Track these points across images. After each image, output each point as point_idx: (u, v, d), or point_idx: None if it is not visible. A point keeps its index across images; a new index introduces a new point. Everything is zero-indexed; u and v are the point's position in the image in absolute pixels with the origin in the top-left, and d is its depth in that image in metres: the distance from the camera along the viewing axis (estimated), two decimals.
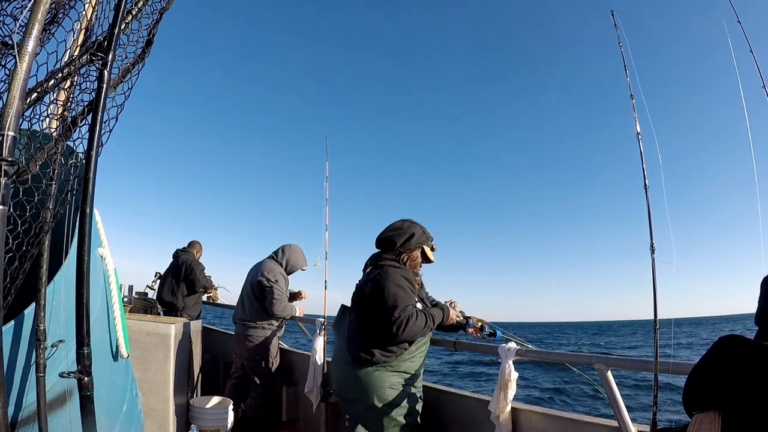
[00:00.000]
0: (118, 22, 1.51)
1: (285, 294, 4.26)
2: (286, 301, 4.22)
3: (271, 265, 4.35)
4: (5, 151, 1.07)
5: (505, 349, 2.52)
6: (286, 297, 4.29)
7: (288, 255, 4.48)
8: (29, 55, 1.09)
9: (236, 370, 4.45)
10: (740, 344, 1.04)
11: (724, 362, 1.06)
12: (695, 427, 1.02)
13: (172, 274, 5.68)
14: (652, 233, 2.11)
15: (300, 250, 4.57)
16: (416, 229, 2.75)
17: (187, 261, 5.70)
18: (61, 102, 1.62)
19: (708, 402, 1.06)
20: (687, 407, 1.14)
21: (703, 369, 1.13)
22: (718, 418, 0.99)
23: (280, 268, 4.38)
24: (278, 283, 4.21)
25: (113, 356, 2.27)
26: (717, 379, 1.06)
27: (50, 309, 1.62)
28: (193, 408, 3.79)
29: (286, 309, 4.19)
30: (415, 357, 2.61)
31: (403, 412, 2.52)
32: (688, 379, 1.16)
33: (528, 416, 2.51)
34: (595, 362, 2.28)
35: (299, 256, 4.53)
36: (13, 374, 1.53)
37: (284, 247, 4.54)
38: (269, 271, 4.27)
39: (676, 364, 1.97)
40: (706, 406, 1.06)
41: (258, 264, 4.47)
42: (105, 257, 2.22)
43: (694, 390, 1.12)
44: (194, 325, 4.23)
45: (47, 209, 1.62)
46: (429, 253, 2.79)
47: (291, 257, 4.49)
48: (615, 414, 2.16)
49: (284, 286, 4.30)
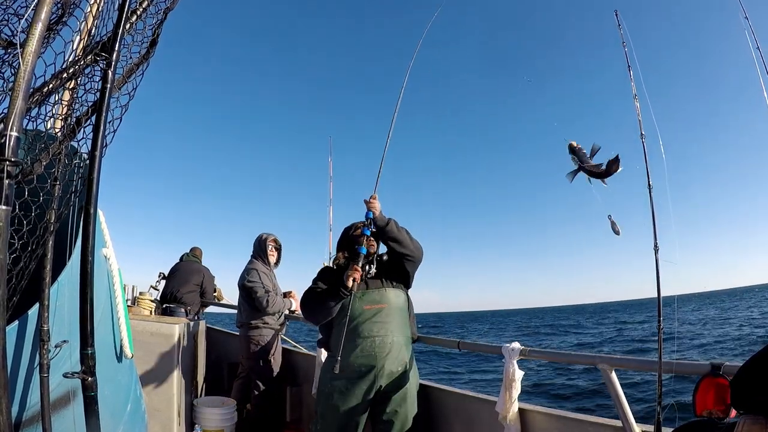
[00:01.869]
0: (123, 22, 1.51)
1: (270, 287, 4.29)
2: (273, 296, 4.22)
3: (249, 266, 4.41)
4: (8, 152, 1.06)
5: (509, 349, 2.51)
6: (272, 290, 4.30)
7: (254, 244, 4.57)
8: (33, 55, 1.08)
9: (242, 371, 4.48)
10: None
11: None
12: (743, 429, 0.97)
13: (185, 274, 5.90)
14: (656, 232, 2.10)
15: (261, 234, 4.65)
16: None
17: (204, 271, 6.04)
18: (65, 102, 1.62)
19: (758, 405, 1.00)
20: (735, 400, 1.09)
21: (758, 367, 1.07)
22: (767, 425, 0.94)
23: (258, 263, 4.42)
24: (258, 281, 4.24)
25: (117, 356, 2.27)
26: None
27: (54, 309, 1.62)
28: (197, 408, 3.80)
29: (276, 304, 4.20)
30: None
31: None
32: (742, 373, 1.10)
33: (532, 416, 2.50)
34: (599, 362, 2.27)
35: (258, 237, 4.59)
36: (16, 375, 1.53)
37: (256, 239, 4.62)
38: (248, 272, 4.32)
39: (680, 364, 1.96)
40: (755, 408, 1.00)
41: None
42: (109, 258, 2.22)
43: (745, 387, 1.06)
44: (198, 325, 4.23)
45: (51, 210, 1.62)
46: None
47: (255, 244, 4.56)
48: (619, 414, 2.14)
49: (268, 281, 4.32)
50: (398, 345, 2.67)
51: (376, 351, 2.62)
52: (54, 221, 1.63)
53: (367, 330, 2.65)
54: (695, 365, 1.95)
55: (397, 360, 2.65)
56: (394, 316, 2.71)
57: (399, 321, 2.73)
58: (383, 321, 2.67)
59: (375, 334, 2.64)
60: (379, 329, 2.65)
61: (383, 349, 2.63)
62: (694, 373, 1.89)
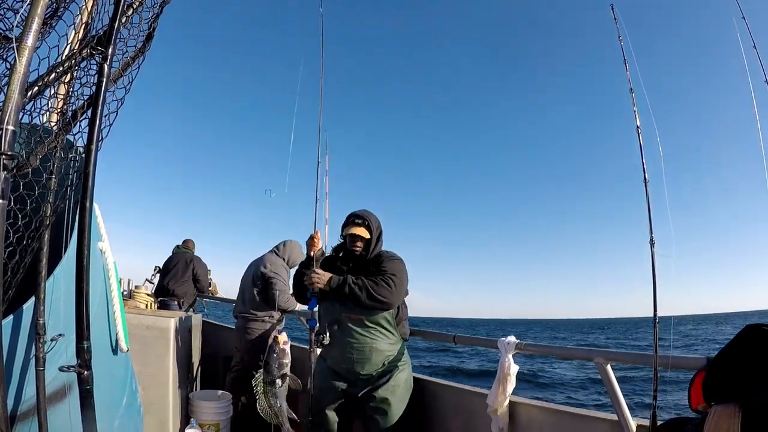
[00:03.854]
0: (119, 15, 1.50)
1: (288, 286, 4.28)
2: (289, 293, 4.23)
3: (273, 258, 4.40)
4: (5, 145, 1.06)
5: (505, 343, 2.52)
6: (289, 289, 4.30)
7: (289, 249, 4.55)
8: (29, 49, 1.08)
9: (236, 364, 4.47)
10: (764, 334, 1.00)
11: (747, 352, 1.01)
12: (713, 420, 0.98)
13: (177, 265, 6.00)
14: (651, 227, 2.10)
15: (300, 245, 4.63)
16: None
17: (195, 260, 6.13)
18: (61, 96, 1.61)
19: (728, 393, 1.01)
20: (706, 397, 1.10)
21: (725, 358, 1.08)
22: (738, 411, 0.95)
23: (282, 261, 4.43)
24: (281, 275, 4.26)
25: (113, 350, 2.27)
26: (739, 369, 1.01)
27: (50, 303, 1.62)
28: (193, 402, 3.80)
29: (289, 301, 4.21)
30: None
31: None
32: (710, 368, 1.11)
33: (527, 410, 2.51)
34: (594, 356, 2.27)
35: (299, 251, 4.58)
36: (12, 368, 1.53)
37: (285, 242, 4.61)
38: (272, 263, 4.32)
39: (676, 358, 1.97)
40: (725, 397, 1.01)
41: (259, 258, 4.50)
42: (105, 251, 2.22)
43: (714, 380, 1.07)
44: (194, 318, 4.23)
45: (47, 203, 1.62)
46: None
47: (292, 252, 4.55)
48: (614, 408, 2.16)
49: (287, 279, 4.33)
50: (378, 351, 2.69)
51: (355, 357, 2.68)
52: (50, 215, 1.63)
53: (346, 337, 2.70)
54: (691, 359, 1.96)
55: (376, 365, 2.69)
56: (375, 324, 2.72)
57: (381, 327, 2.73)
58: (362, 330, 2.70)
59: (354, 341, 2.69)
60: (357, 337, 2.69)
61: (362, 355, 2.68)
62: (690, 367, 1.89)
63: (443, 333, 3.30)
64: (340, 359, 2.72)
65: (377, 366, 2.68)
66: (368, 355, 2.67)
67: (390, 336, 2.73)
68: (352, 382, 2.72)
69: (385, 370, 2.70)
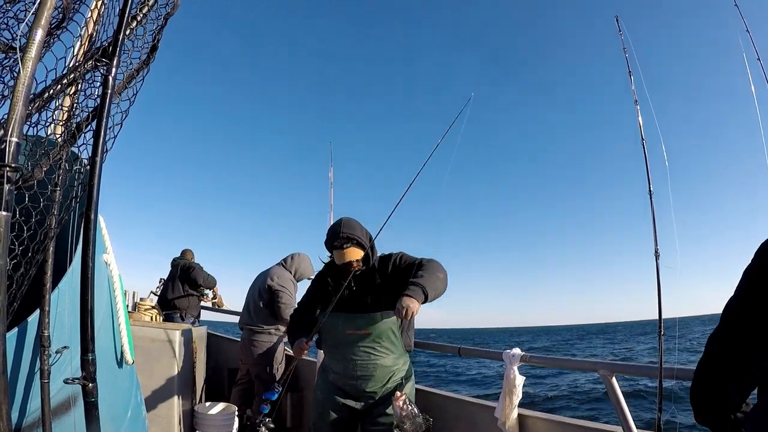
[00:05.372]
0: (123, 27, 1.51)
1: (294, 299, 4.27)
2: (294, 306, 4.21)
3: (280, 271, 4.38)
4: (9, 158, 1.07)
5: (510, 355, 2.51)
6: (296, 302, 4.29)
7: (297, 263, 4.52)
8: (33, 60, 1.09)
9: (242, 377, 4.45)
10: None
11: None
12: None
13: (173, 276, 6.12)
14: (656, 239, 2.09)
15: (308, 258, 4.62)
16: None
17: (185, 262, 6.19)
18: (66, 108, 1.62)
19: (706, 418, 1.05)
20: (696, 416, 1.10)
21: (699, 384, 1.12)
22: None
23: (289, 274, 4.41)
24: (287, 288, 4.24)
25: (118, 362, 2.27)
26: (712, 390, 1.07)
27: (54, 315, 1.62)
28: (198, 414, 3.78)
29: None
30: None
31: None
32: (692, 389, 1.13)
33: (533, 422, 2.48)
34: (599, 368, 2.25)
35: (307, 265, 4.57)
36: (17, 380, 1.52)
37: (293, 255, 4.58)
38: (279, 276, 4.30)
39: (681, 370, 1.95)
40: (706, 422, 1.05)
41: (266, 270, 4.48)
42: (110, 263, 2.22)
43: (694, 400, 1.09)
44: (199, 331, 4.23)
45: (52, 215, 1.62)
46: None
47: (300, 265, 4.52)
48: (620, 420, 2.13)
49: (293, 292, 4.31)
50: (383, 367, 2.62)
51: (359, 374, 2.62)
52: (54, 227, 1.63)
53: (349, 354, 2.63)
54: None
55: (381, 380, 2.63)
56: (381, 338, 2.64)
57: (386, 342, 2.65)
58: (366, 346, 2.62)
59: (357, 358, 2.62)
60: (361, 354, 2.62)
61: (366, 371, 2.61)
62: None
63: (448, 344, 3.28)
64: (344, 375, 2.66)
65: (382, 381, 2.62)
66: (372, 371, 2.61)
67: (395, 349, 2.67)
68: (355, 398, 2.66)
69: (389, 384, 2.65)
